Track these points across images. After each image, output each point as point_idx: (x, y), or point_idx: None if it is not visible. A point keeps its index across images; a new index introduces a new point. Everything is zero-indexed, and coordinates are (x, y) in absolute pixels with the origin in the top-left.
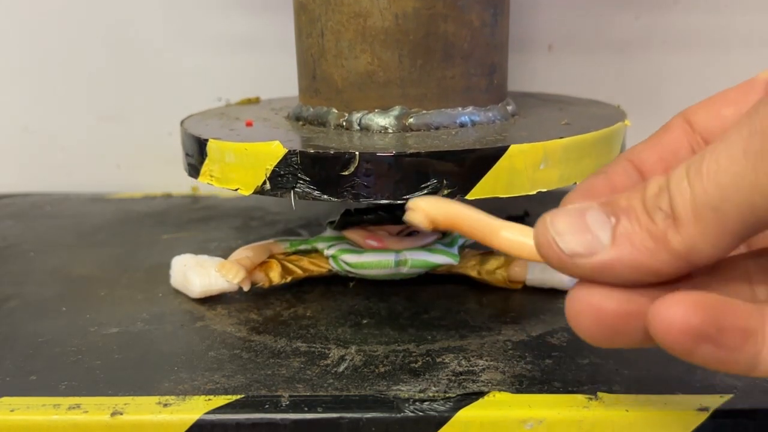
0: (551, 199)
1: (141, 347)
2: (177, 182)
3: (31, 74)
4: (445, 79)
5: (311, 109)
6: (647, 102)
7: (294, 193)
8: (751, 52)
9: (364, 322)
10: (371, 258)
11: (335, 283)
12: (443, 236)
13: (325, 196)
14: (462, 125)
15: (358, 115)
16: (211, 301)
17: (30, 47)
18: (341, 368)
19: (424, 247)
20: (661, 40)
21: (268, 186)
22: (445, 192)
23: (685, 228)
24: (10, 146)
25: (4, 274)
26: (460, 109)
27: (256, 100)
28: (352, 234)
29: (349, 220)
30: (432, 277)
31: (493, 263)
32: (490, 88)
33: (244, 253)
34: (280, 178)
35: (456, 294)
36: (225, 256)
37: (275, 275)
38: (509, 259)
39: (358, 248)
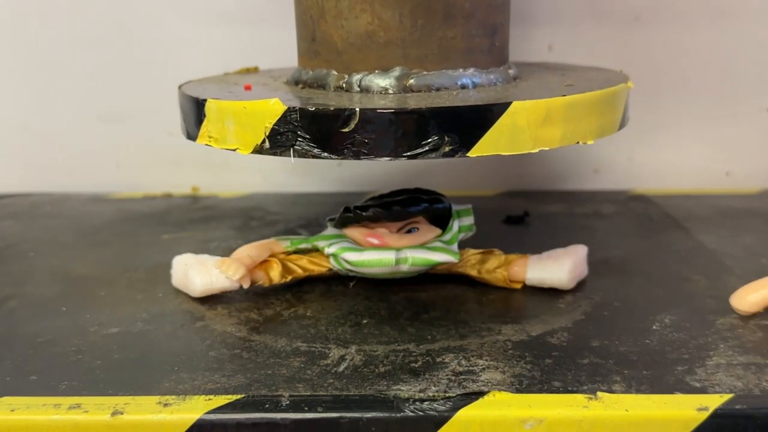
0: (552, 200)
1: (141, 347)
2: (177, 182)
3: (31, 74)
4: (446, 39)
5: (311, 72)
6: (647, 103)
7: (293, 151)
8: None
9: (364, 322)
10: (371, 256)
11: (335, 282)
12: (443, 233)
13: (325, 154)
14: (463, 87)
15: (358, 76)
16: (211, 300)
17: (29, 47)
18: (341, 368)
19: (425, 245)
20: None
21: (267, 145)
22: (447, 149)
23: None
24: (10, 146)
25: (5, 274)
26: (461, 70)
27: (255, 70)
28: (353, 232)
29: (349, 217)
30: (432, 277)
31: (493, 262)
32: (491, 50)
33: (245, 252)
34: (279, 137)
35: (456, 294)
36: (226, 255)
37: (275, 274)
38: (509, 258)
39: (359, 246)
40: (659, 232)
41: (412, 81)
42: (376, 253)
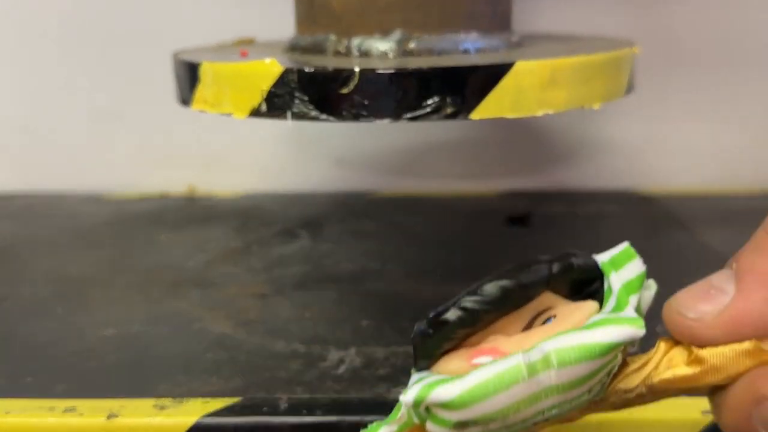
0: (552, 200)
1: (137, 349)
2: (174, 182)
3: (29, 74)
4: (447, 3)
5: (309, 38)
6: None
7: (291, 114)
8: None
9: (364, 323)
10: (483, 376)
11: (334, 283)
12: (601, 307)
13: (324, 116)
14: (465, 51)
15: (358, 40)
16: (208, 302)
17: (28, 47)
18: (340, 370)
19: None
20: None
21: (264, 107)
22: (448, 111)
23: None
24: (7, 146)
25: (0, 274)
26: (463, 34)
27: (251, 41)
28: (448, 364)
29: (431, 338)
30: (431, 277)
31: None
32: (494, 15)
33: None
34: (276, 99)
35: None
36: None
37: None
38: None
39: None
40: (663, 233)
41: (412, 45)
42: (490, 369)
